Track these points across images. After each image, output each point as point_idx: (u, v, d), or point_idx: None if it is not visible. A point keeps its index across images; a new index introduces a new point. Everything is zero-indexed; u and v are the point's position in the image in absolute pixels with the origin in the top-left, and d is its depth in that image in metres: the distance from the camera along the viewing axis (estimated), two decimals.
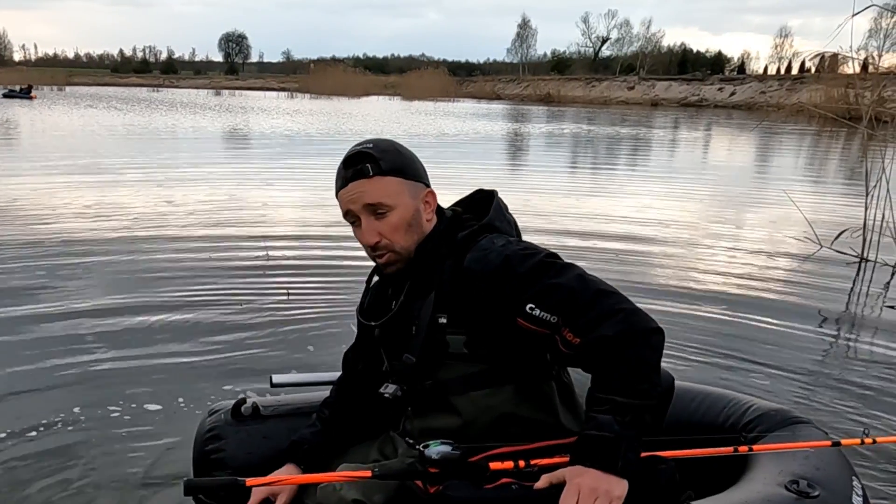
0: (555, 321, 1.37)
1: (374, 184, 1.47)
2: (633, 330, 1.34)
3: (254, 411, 1.74)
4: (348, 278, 5.07)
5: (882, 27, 57.13)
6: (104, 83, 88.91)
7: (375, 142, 1.51)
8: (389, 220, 1.48)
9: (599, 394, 1.34)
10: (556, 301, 1.37)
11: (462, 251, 1.48)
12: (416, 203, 1.51)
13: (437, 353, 1.48)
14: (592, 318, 1.34)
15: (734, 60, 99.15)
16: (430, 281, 1.50)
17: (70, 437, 2.73)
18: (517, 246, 1.46)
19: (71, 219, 6.95)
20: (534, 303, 1.38)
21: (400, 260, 1.53)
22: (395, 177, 1.48)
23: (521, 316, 1.39)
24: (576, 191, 10.81)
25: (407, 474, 1.40)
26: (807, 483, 1.45)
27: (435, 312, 1.47)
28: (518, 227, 1.60)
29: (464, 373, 1.48)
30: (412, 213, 1.50)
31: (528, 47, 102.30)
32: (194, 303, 4.40)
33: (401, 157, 1.51)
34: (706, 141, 24.58)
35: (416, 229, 1.51)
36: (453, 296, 1.46)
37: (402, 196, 1.49)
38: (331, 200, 1.58)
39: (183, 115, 28.69)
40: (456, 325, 1.46)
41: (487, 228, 1.52)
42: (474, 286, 1.43)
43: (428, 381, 1.50)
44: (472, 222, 1.55)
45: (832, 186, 12.16)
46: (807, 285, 5.37)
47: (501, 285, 1.40)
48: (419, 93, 64.66)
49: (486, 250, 1.44)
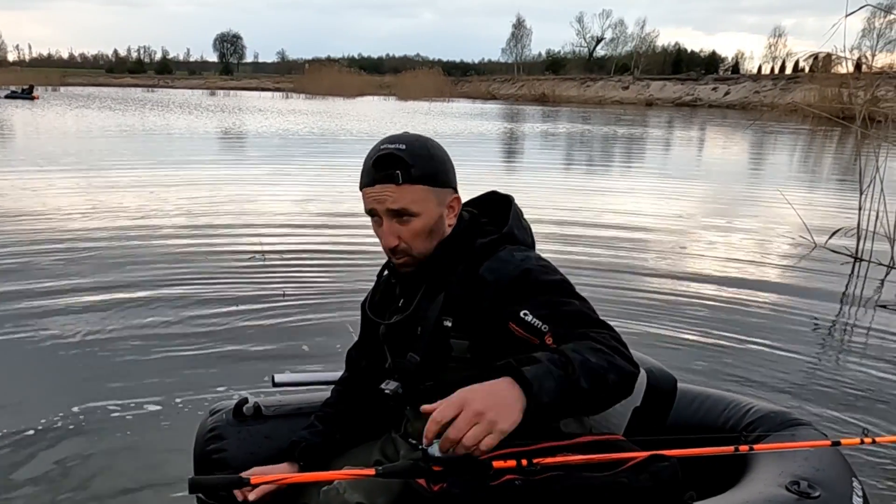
0: (545, 330, 1.36)
1: (402, 191, 1.42)
2: (611, 345, 1.31)
3: (255, 411, 1.74)
4: (344, 278, 5.08)
5: (875, 27, 57.32)
6: (99, 83, 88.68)
7: (409, 142, 1.44)
8: (412, 226, 1.46)
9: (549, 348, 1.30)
10: (551, 312, 1.36)
11: (479, 258, 1.46)
12: (440, 210, 1.48)
13: (441, 355, 1.48)
14: (578, 334, 1.32)
15: (728, 60, 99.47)
16: (441, 283, 1.49)
17: (69, 437, 2.73)
18: (536, 262, 1.45)
19: (64, 219, 6.93)
20: (529, 309, 1.37)
21: (415, 263, 1.52)
22: (424, 185, 1.43)
23: (514, 320, 1.38)
24: (572, 189, 10.83)
25: (410, 472, 1.40)
26: (807, 484, 1.45)
27: (441, 315, 1.47)
28: (532, 233, 1.58)
29: (465, 376, 1.48)
30: (436, 219, 1.47)
31: (523, 47, 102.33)
32: (189, 303, 4.40)
33: (432, 163, 1.45)
34: (700, 140, 24.66)
35: (437, 235, 1.49)
36: (461, 301, 1.45)
37: (428, 203, 1.45)
38: (327, 200, 1.58)
39: (178, 116, 28.63)
40: (460, 330, 1.45)
41: (507, 238, 1.50)
42: (484, 294, 1.42)
43: (429, 382, 1.51)
44: (490, 227, 1.54)
45: (826, 186, 12.22)
46: (801, 284, 5.39)
47: (508, 293, 1.40)
48: (414, 93, 64.65)
49: (505, 262, 1.43)
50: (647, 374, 1.64)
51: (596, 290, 4.87)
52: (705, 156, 19.24)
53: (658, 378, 1.64)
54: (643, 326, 4.25)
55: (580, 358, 1.22)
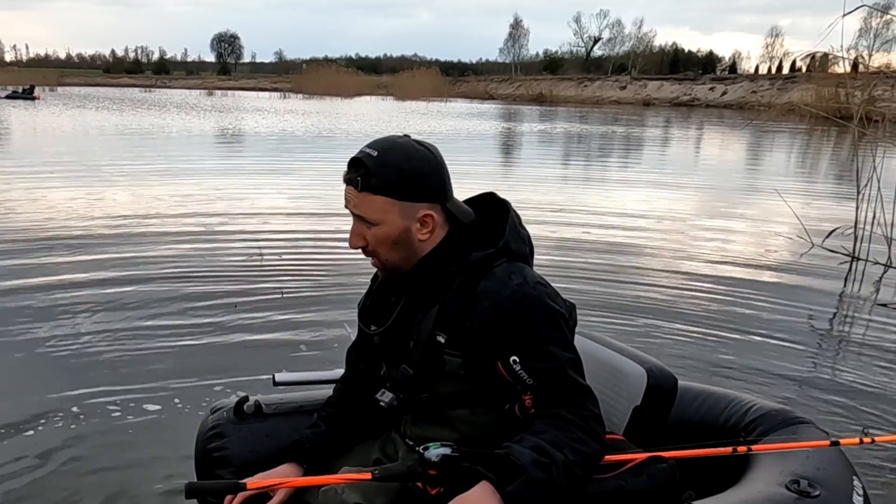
0: (529, 383, 1.39)
1: (362, 198, 1.41)
2: (588, 427, 1.38)
3: (256, 409, 1.73)
4: (342, 277, 5.08)
5: (872, 27, 57.49)
6: (96, 83, 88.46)
7: (384, 150, 1.41)
8: (374, 232, 1.44)
9: (529, 434, 1.36)
10: (540, 369, 1.39)
11: (476, 274, 1.44)
12: (406, 223, 1.43)
13: (434, 369, 1.47)
14: (558, 402, 1.38)
15: (725, 60, 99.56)
16: (435, 296, 1.47)
17: (68, 437, 2.73)
18: (532, 288, 1.42)
19: (63, 218, 6.91)
20: (519, 356, 1.39)
21: (386, 269, 1.51)
22: (384, 196, 1.39)
23: (502, 362, 1.40)
24: (571, 189, 10.84)
25: (407, 476, 1.40)
26: (807, 483, 1.45)
27: (435, 330, 1.45)
28: (531, 239, 1.55)
29: (460, 389, 1.48)
30: (399, 232, 1.43)
31: (521, 47, 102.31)
32: (188, 304, 4.39)
33: (398, 175, 1.39)
34: (698, 140, 24.68)
35: (403, 247, 1.45)
36: (456, 318, 1.43)
37: (389, 215, 1.41)
38: (323, 200, 1.57)
39: (177, 116, 28.60)
40: (454, 347, 1.44)
41: (504, 252, 1.46)
42: (478, 318, 1.41)
43: (424, 394, 1.50)
44: (485, 236, 1.49)
45: (823, 185, 12.23)
46: (799, 284, 5.40)
47: (502, 325, 1.39)
48: (412, 93, 64.62)
49: (502, 284, 1.41)
50: (647, 373, 1.64)
51: (595, 288, 4.88)
52: (702, 155, 19.26)
53: (658, 377, 1.64)
54: (642, 325, 4.26)
55: (561, 458, 1.31)
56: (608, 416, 1.67)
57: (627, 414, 1.65)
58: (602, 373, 1.72)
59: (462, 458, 1.38)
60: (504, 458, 1.31)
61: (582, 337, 1.75)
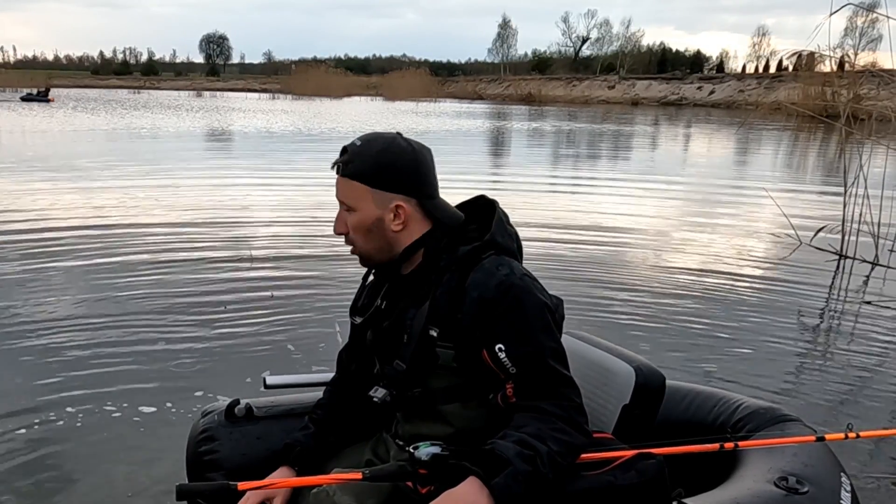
0: (512, 372, 1.42)
1: (341, 183, 1.49)
2: (569, 417, 1.40)
3: (247, 412, 1.74)
4: (331, 278, 5.08)
5: (857, 25, 57.95)
6: (84, 85, 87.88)
7: (368, 141, 1.49)
8: (351, 218, 1.51)
9: (511, 429, 1.38)
10: (523, 356, 1.41)
11: (465, 268, 1.47)
12: (379, 212, 1.48)
13: (427, 363, 1.49)
14: (539, 391, 1.40)
15: (713, 59, 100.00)
16: (426, 290, 1.49)
17: (61, 440, 2.73)
18: (519, 279, 1.45)
19: (52, 220, 6.88)
20: (504, 345, 1.41)
21: (362, 258, 1.57)
22: (360, 182, 1.47)
23: (488, 350, 1.43)
24: (557, 188, 10.87)
25: (397, 476, 1.41)
26: (796, 479, 1.47)
27: (427, 324, 1.47)
28: (519, 237, 1.58)
29: (452, 383, 1.50)
30: (373, 220, 1.49)
31: (509, 47, 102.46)
32: (178, 306, 4.38)
33: (373, 164, 1.46)
34: (686, 139, 24.79)
35: (376, 236, 1.50)
36: (447, 312, 1.46)
37: (363, 202, 1.48)
38: (315, 201, 1.59)
39: (167, 117, 28.49)
40: (446, 340, 1.46)
41: (490, 245, 1.49)
42: (466, 308, 1.43)
43: (417, 389, 1.52)
44: (473, 233, 1.53)
45: (811, 184, 12.31)
46: (787, 282, 5.44)
47: (489, 314, 1.42)
48: (401, 93, 64.62)
49: (489, 274, 1.44)
50: (635, 371, 1.65)
51: (581, 287, 4.90)
52: (690, 154, 19.35)
53: (646, 375, 1.65)
54: (629, 323, 4.28)
55: (545, 449, 1.33)
56: (597, 414, 1.69)
57: (617, 412, 1.66)
58: (591, 372, 1.73)
59: (451, 456, 1.40)
60: (489, 453, 1.33)
61: (570, 336, 1.77)
